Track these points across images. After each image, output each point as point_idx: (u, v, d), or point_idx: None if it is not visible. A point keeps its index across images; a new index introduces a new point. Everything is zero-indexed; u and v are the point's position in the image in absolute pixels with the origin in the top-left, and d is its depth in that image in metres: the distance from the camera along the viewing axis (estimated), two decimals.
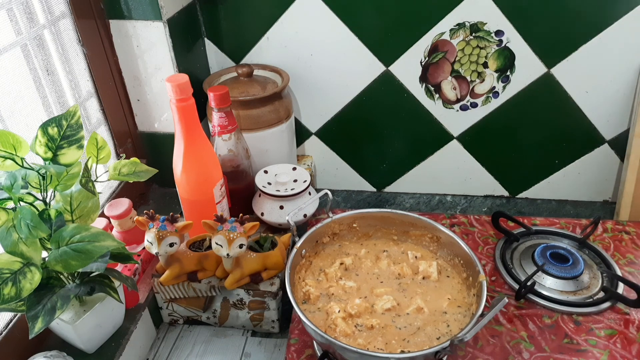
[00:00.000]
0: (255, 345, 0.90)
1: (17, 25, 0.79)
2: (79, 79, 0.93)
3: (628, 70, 1.04)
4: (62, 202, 0.69)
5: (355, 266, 0.84)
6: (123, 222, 0.88)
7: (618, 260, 0.91)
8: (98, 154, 0.73)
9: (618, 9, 0.98)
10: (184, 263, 0.83)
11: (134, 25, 0.96)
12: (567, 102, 1.10)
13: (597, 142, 1.14)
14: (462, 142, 1.19)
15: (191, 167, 0.84)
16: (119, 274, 0.73)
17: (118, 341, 0.80)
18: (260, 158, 1.05)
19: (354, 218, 0.87)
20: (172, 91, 0.77)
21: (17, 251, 0.61)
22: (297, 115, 1.20)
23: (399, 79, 1.12)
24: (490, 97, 1.12)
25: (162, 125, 1.08)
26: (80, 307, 0.74)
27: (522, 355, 0.75)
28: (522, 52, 1.05)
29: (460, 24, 1.04)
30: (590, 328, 0.79)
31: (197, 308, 0.90)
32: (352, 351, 0.65)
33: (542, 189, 1.23)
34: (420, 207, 1.30)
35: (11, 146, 0.63)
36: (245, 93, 1.03)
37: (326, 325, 0.73)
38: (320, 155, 1.26)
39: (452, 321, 0.74)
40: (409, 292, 0.79)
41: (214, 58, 1.15)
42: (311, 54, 1.11)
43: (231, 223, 0.78)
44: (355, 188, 1.31)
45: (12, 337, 0.74)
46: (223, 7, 1.08)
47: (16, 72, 0.79)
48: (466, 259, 0.78)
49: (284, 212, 0.95)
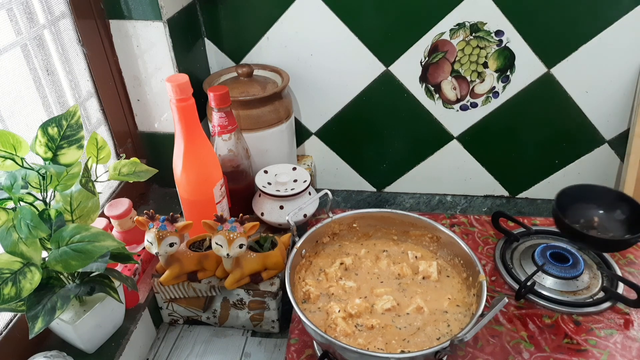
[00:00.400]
0: (255, 345, 0.90)
1: (17, 25, 0.79)
2: (79, 79, 0.93)
3: (628, 70, 1.04)
4: (62, 202, 0.69)
5: (355, 266, 0.84)
6: (123, 222, 0.88)
7: (618, 260, 0.91)
8: (98, 154, 0.73)
9: (618, 9, 0.98)
10: (184, 263, 0.83)
11: (134, 25, 0.96)
12: (567, 102, 1.10)
13: (597, 142, 1.14)
14: (462, 142, 1.19)
15: (191, 167, 0.84)
16: (119, 274, 0.73)
17: (118, 341, 0.80)
18: (260, 158, 1.05)
19: (354, 218, 0.87)
20: (172, 91, 0.77)
21: (17, 251, 0.61)
22: (297, 115, 1.20)
23: (399, 79, 1.12)
24: (490, 97, 1.12)
25: (162, 125, 1.08)
26: (80, 307, 0.74)
27: (522, 355, 0.75)
28: (522, 52, 1.05)
29: (460, 24, 1.04)
30: (590, 328, 0.79)
31: (197, 308, 0.90)
32: (352, 351, 0.65)
33: (542, 189, 1.23)
34: (420, 207, 1.30)
35: (11, 146, 0.63)
36: (245, 93, 1.03)
37: (326, 325, 0.73)
38: (320, 155, 1.26)
39: (452, 321, 0.74)
40: (409, 292, 0.79)
41: (214, 58, 1.15)
42: (311, 54, 1.11)
43: (231, 223, 0.78)
44: (355, 188, 1.31)
45: (12, 337, 0.74)
46: (223, 7, 1.08)
47: (16, 72, 0.79)
48: (466, 259, 0.78)
49: (284, 212, 0.95)
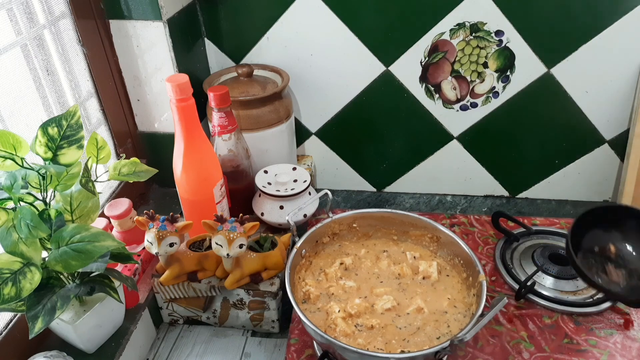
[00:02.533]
0: (255, 345, 0.90)
1: (17, 25, 0.79)
2: (79, 79, 0.93)
3: (628, 70, 1.04)
4: (62, 202, 0.69)
5: (355, 266, 0.84)
6: (123, 222, 0.88)
7: None
8: (98, 154, 0.73)
9: (618, 9, 0.98)
10: (184, 263, 0.83)
11: (134, 25, 0.96)
12: (567, 102, 1.10)
13: (597, 142, 1.14)
14: (462, 142, 1.19)
15: (191, 167, 0.84)
16: (119, 274, 0.73)
17: (118, 341, 0.80)
18: (260, 158, 1.05)
19: (354, 218, 0.88)
20: (172, 91, 0.77)
21: (17, 251, 0.61)
22: (297, 115, 1.20)
23: (399, 79, 1.12)
24: (490, 97, 1.12)
25: (162, 125, 1.08)
26: (80, 307, 0.74)
27: (522, 355, 0.75)
28: (522, 52, 1.05)
29: (460, 24, 1.04)
30: (590, 328, 0.79)
31: (197, 308, 0.90)
32: (352, 351, 0.65)
33: (542, 189, 1.23)
34: (420, 207, 1.30)
35: (11, 146, 0.63)
36: (245, 93, 1.03)
37: (326, 325, 0.73)
38: (320, 155, 1.26)
39: (452, 321, 0.74)
40: (409, 292, 0.79)
41: (214, 58, 1.15)
42: (311, 54, 1.11)
43: (231, 223, 0.78)
44: (355, 188, 1.31)
45: (12, 337, 0.74)
46: (223, 7, 1.08)
47: (16, 72, 0.79)
48: (466, 259, 0.78)
49: (284, 212, 0.95)
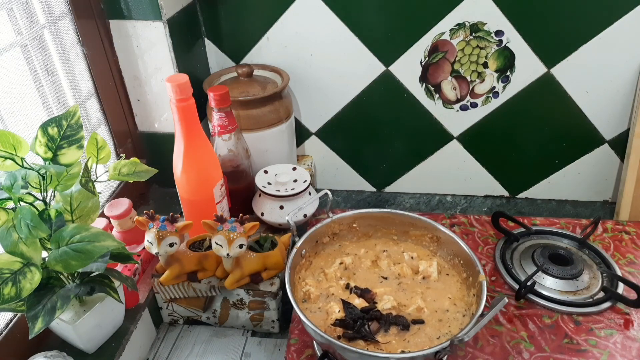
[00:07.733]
0: (255, 345, 0.90)
1: (17, 25, 0.79)
2: (79, 79, 0.93)
3: (628, 70, 1.04)
4: (62, 202, 0.69)
5: (355, 266, 0.84)
6: (123, 222, 0.88)
7: (618, 260, 0.91)
8: (98, 154, 0.73)
9: (618, 9, 0.98)
10: (184, 263, 0.83)
11: (134, 25, 0.96)
12: (567, 102, 1.10)
13: (597, 142, 1.14)
14: (462, 142, 1.19)
15: (191, 167, 0.84)
16: (119, 274, 0.73)
17: (118, 341, 0.80)
18: (260, 158, 1.05)
19: (354, 218, 0.87)
20: (172, 91, 0.77)
21: (17, 251, 0.61)
22: (297, 115, 1.20)
23: (399, 79, 1.12)
24: (490, 97, 1.12)
25: (162, 125, 1.08)
26: (80, 307, 0.74)
27: (522, 355, 0.75)
28: (522, 52, 1.05)
29: (460, 24, 1.04)
30: (590, 328, 0.79)
31: (197, 308, 0.90)
32: (352, 351, 0.65)
33: (542, 189, 1.23)
34: (420, 207, 1.30)
35: (11, 146, 0.63)
36: (245, 93, 1.03)
37: (326, 325, 0.73)
38: (320, 155, 1.26)
39: (452, 321, 0.74)
40: (409, 292, 0.79)
41: (214, 58, 1.15)
42: (311, 54, 1.11)
43: (231, 223, 0.78)
44: (355, 188, 1.31)
45: (12, 337, 0.74)
46: (223, 7, 1.08)
47: (16, 72, 0.79)
48: (466, 259, 0.78)
49: (284, 212, 0.95)
